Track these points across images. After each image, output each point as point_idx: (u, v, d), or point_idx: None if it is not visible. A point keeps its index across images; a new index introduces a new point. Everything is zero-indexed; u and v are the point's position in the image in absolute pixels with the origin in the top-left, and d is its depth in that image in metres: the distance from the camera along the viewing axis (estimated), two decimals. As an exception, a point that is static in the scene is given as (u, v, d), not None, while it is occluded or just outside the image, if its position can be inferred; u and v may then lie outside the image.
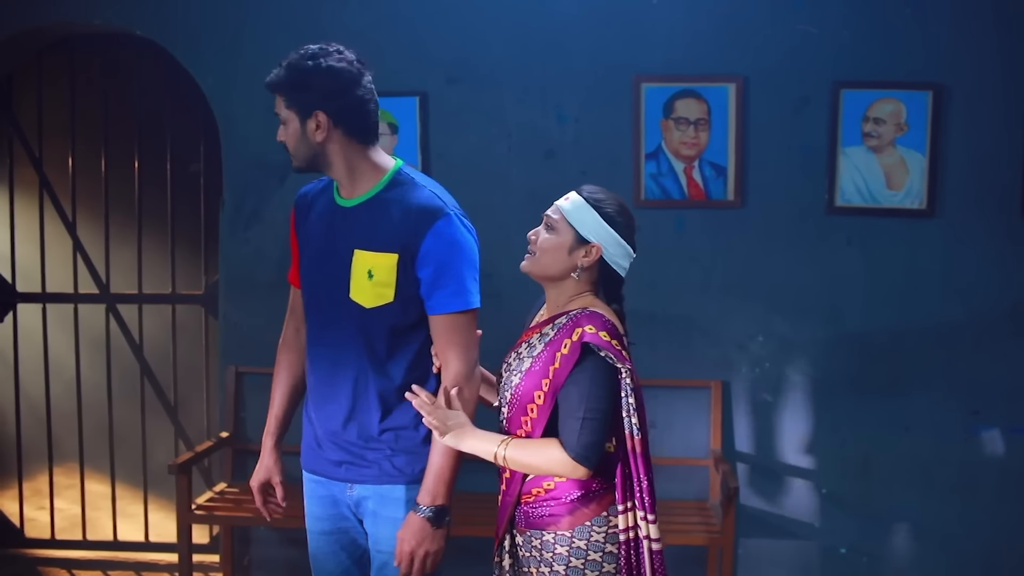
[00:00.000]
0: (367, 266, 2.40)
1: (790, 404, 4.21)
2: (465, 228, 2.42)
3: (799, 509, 4.23)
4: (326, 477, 2.56)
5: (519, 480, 2.37)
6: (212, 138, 4.48)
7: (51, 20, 4.41)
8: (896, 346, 4.14)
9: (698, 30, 4.14)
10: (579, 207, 2.36)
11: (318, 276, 2.50)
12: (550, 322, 2.37)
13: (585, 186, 2.42)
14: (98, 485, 4.86)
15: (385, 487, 2.49)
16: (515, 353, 2.41)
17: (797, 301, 4.18)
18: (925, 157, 4.06)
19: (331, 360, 2.50)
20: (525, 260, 2.40)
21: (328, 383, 2.51)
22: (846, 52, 4.09)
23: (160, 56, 4.44)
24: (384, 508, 2.49)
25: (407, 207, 2.39)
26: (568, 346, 2.26)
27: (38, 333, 4.76)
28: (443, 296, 2.40)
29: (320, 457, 2.57)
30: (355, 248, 2.41)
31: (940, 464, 4.16)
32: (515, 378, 2.36)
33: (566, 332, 2.29)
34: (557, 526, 2.32)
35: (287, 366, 2.69)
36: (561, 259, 2.35)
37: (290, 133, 2.43)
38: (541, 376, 2.29)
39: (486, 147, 4.27)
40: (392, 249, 2.38)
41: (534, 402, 2.30)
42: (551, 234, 2.37)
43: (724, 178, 4.15)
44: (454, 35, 4.25)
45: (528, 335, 2.43)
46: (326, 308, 2.49)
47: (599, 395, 2.24)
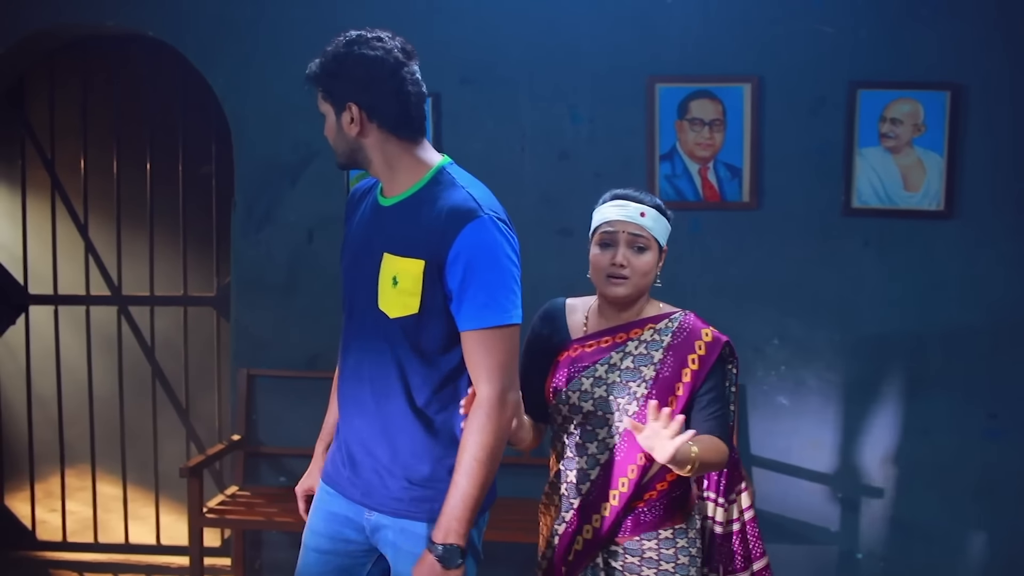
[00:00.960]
0: (392, 272, 2.19)
1: (806, 408, 4.18)
2: (501, 233, 2.16)
3: (815, 514, 4.19)
4: (344, 496, 2.37)
5: (634, 488, 2.35)
6: (224, 140, 4.47)
7: (63, 22, 4.40)
8: (914, 349, 4.10)
9: (713, 30, 4.11)
10: (657, 219, 2.39)
11: (353, 280, 2.33)
12: (634, 328, 2.39)
13: (638, 194, 2.42)
14: (110, 487, 4.85)
15: (404, 520, 2.27)
16: (602, 365, 2.38)
17: (813, 304, 4.14)
18: (943, 158, 4.02)
19: (358, 371, 2.31)
20: (620, 287, 2.35)
21: (354, 396, 2.32)
22: (862, 52, 4.05)
23: (172, 57, 4.43)
24: (405, 542, 2.27)
25: (438, 208, 2.17)
26: (703, 347, 2.35)
27: (50, 335, 4.76)
28: (472, 309, 2.14)
29: (342, 473, 2.37)
30: (384, 251, 2.21)
31: (958, 468, 4.11)
32: (635, 388, 2.34)
33: (691, 334, 2.37)
34: (673, 521, 2.37)
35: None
36: (653, 274, 2.40)
37: (329, 127, 2.29)
38: (674, 380, 2.33)
39: (500, 147, 4.24)
40: (418, 255, 2.16)
41: (670, 406, 2.30)
42: (645, 254, 2.37)
43: (739, 179, 4.12)
44: (468, 35, 4.23)
45: (592, 344, 2.40)
46: (357, 315, 2.31)
47: (729, 391, 2.42)
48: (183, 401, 4.84)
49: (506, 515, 3.94)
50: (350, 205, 2.46)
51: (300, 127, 4.27)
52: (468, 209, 2.16)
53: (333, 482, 2.40)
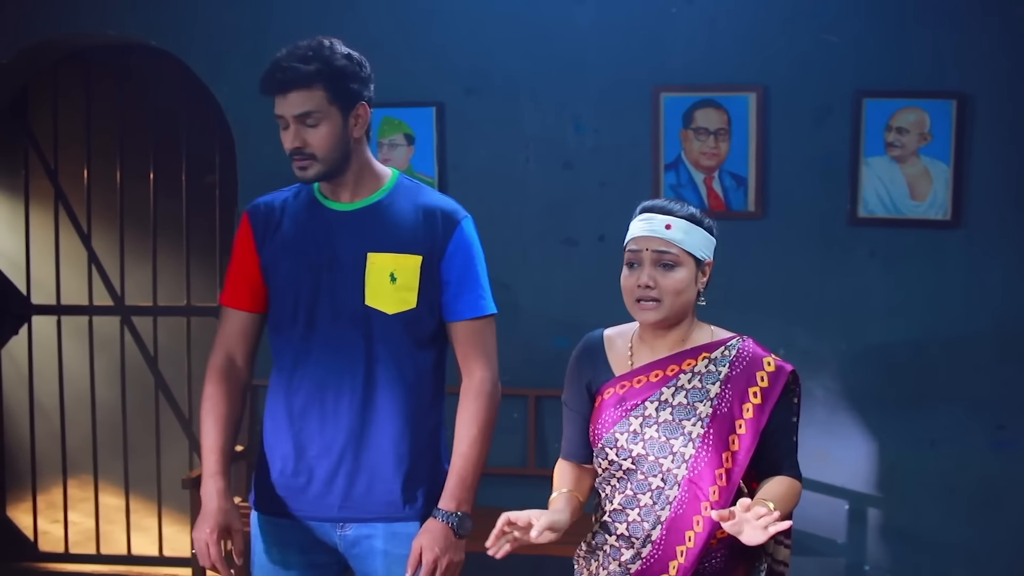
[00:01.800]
0: (388, 269, 2.27)
1: (812, 418, 4.14)
2: (477, 233, 2.40)
3: (822, 525, 4.16)
4: (313, 518, 2.33)
5: (705, 542, 2.08)
6: (228, 150, 4.46)
7: (67, 32, 4.40)
8: (920, 359, 4.08)
9: (718, 39, 4.10)
10: (688, 230, 2.13)
11: (313, 288, 2.30)
12: (686, 358, 2.15)
13: (665, 205, 2.17)
14: (112, 498, 4.84)
15: (397, 524, 2.31)
16: (652, 403, 2.13)
17: (819, 314, 4.12)
18: (949, 167, 4.00)
19: (326, 380, 2.30)
20: (650, 311, 2.12)
21: (321, 408, 2.30)
22: (868, 61, 4.03)
23: (175, 67, 4.42)
24: (396, 546, 2.30)
25: (428, 208, 2.31)
26: (766, 378, 2.12)
27: (53, 345, 4.75)
28: (469, 300, 2.33)
29: (303, 494, 2.32)
30: (369, 252, 2.28)
31: (965, 479, 4.08)
32: (691, 428, 2.09)
33: (751, 363, 2.13)
34: (736, 574, 2.17)
35: (224, 398, 2.36)
36: (691, 292, 2.14)
37: (324, 134, 2.24)
38: (734, 417, 2.09)
39: (503, 157, 4.23)
40: (416, 251, 2.28)
41: (728, 449, 2.08)
42: (675, 271, 2.12)
43: (744, 189, 4.10)
44: (471, 45, 4.22)
45: (649, 378, 2.15)
46: (323, 322, 2.30)
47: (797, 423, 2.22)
48: (186, 412, 4.83)
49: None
50: (261, 221, 2.38)
51: (304, 137, 4.26)
52: (458, 209, 2.35)
53: (287, 508, 2.34)
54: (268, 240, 2.35)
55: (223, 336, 2.40)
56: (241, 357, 2.41)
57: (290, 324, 2.32)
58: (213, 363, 2.39)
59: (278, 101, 2.27)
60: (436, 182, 4.21)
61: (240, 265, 2.39)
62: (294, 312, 2.31)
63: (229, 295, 2.40)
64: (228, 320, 2.40)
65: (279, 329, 2.36)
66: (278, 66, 2.24)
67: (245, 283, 2.38)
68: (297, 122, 2.25)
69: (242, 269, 2.38)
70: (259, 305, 2.39)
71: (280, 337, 2.36)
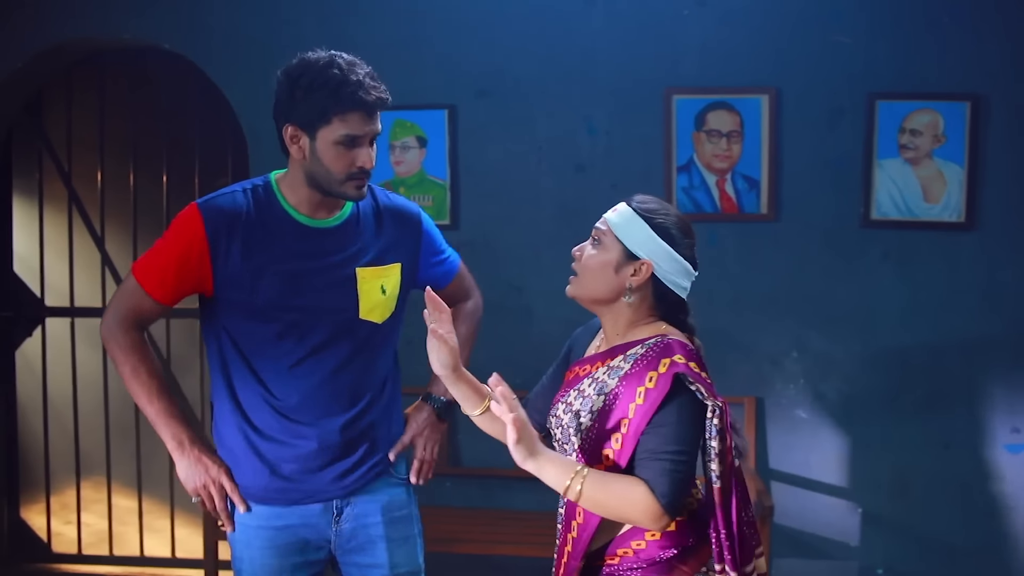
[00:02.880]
0: (379, 282, 2.38)
1: (825, 421, 4.14)
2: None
3: (835, 528, 4.15)
4: (316, 500, 2.39)
5: (589, 536, 2.01)
6: (240, 152, 4.47)
7: (80, 35, 4.42)
8: (934, 362, 4.06)
9: (730, 41, 4.09)
10: (628, 219, 2.06)
11: (299, 305, 2.31)
12: (615, 353, 2.07)
13: (636, 195, 2.11)
14: (125, 500, 4.85)
15: (395, 500, 2.47)
16: (575, 391, 2.10)
17: (832, 316, 4.10)
18: (963, 169, 3.98)
19: (319, 387, 2.36)
20: (569, 283, 2.11)
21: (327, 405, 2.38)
22: (881, 63, 4.02)
23: (188, 70, 4.43)
24: (396, 530, 2.46)
25: (391, 212, 2.44)
26: (655, 379, 1.94)
27: (66, 347, 4.76)
28: (451, 258, 2.59)
29: (310, 480, 2.38)
30: (357, 267, 2.35)
31: (980, 483, 4.07)
32: (583, 419, 2.04)
33: (648, 364, 1.98)
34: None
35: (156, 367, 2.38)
36: (607, 278, 2.05)
37: (374, 153, 2.31)
38: (619, 416, 1.98)
39: (516, 160, 4.23)
40: (395, 260, 2.42)
41: (611, 446, 1.98)
42: (596, 249, 2.08)
43: (757, 191, 4.09)
44: (483, 48, 4.22)
45: (586, 368, 2.12)
46: (312, 337, 2.33)
47: (690, 435, 1.94)
48: (198, 414, 4.84)
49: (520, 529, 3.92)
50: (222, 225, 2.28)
51: (316, 139, 4.27)
52: (412, 207, 2.51)
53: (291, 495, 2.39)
54: (230, 254, 2.28)
55: (131, 310, 2.35)
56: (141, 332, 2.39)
57: (274, 340, 2.32)
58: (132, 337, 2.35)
59: (359, 121, 2.22)
60: (448, 185, 4.22)
61: (179, 263, 2.30)
62: (279, 330, 2.31)
63: (153, 282, 2.32)
64: (141, 301, 2.34)
65: (255, 341, 2.33)
66: (367, 86, 2.22)
67: (175, 281, 2.31)
68: (370, 144, 2.28)
69: (180, 268, 2.30)
70: (174, 301, 2.37)
71: (256, 349, 2.33)
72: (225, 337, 2.36)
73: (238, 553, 2.45)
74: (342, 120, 2.21)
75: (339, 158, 2.24)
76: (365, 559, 2.44)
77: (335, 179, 2.26)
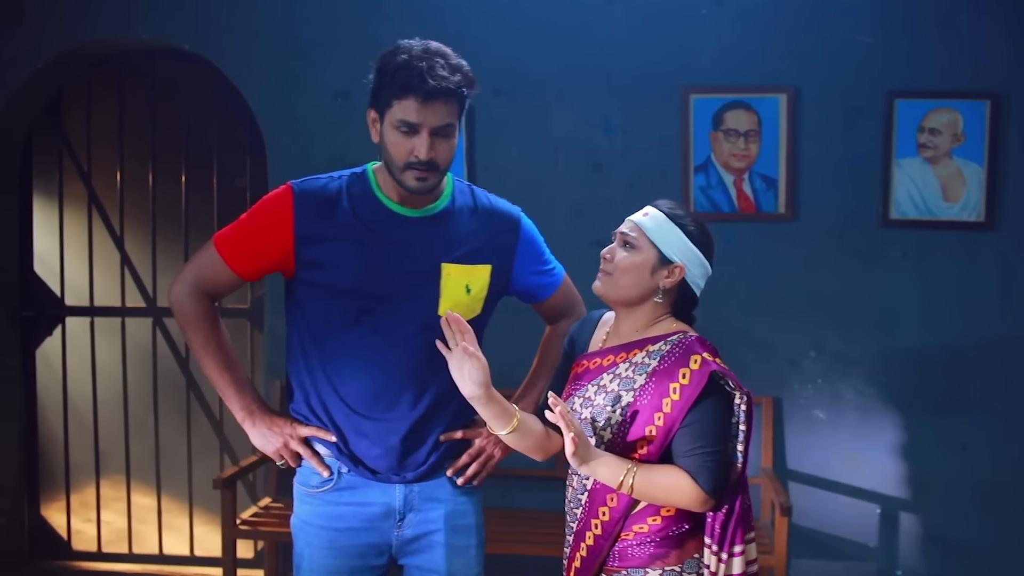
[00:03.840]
0: (464, 280, 2.32)
1: (843, 421, 4.12)
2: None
3: (853, 529, 4.13)
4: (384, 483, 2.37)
5: (619, 521, 2.16)
6: (258, 152, 4.49)
7: (100, 37, 4.45)
8: (953, 362, 4.04)
9: (748, 40, 4.08)
10: (661, 224, 2.17)
11: (378, 293, 2.28)
12: (633, 349, 2.18)
13: (661, 201, 2.22)
14: (144, 498, 4.88)
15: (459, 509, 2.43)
16: (593, 385, 2.20)
17: (850, 316, 4.09)
18: (983, 168, 3.96)
19: (389, 381, 2.32)
20: (599, 281, 2.21)
21: (377, 405, 2.34)
22: (900, 61, 4.00)
23: (207, 71, 4.45)
24: (458, 538, 2.42)
25: (488, 212, 2.40)
26: (688, 376, 2.08)
27: (86, 346, 4.79)
28: (555, 270, 2.54)
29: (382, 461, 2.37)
30: (443, 262, 2.30)
31: (999, 484, 4.04)
32: (610, 414, 2.14)
33: (678, 360, 2.11)
34: (665, 561, 2.14)
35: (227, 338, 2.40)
36: (641, 280, 2.16)
37: (451, 147, 2.25)
38: (653, 410, 2.10)
39: (533, 159, 4.23)
40: (486, 260, 2.35)
41: (645, 438, 2.11)
42: (631, 252, 2.18)
43: (775, 191, 4.08)
44: (500, 46, 4.22)
45: (597, 361, 2.23)
46: (387, 328, 2.30)
47: (724, 426, 2.11)
48: (217, 413, 4.86)
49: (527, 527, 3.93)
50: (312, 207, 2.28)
51: (334, 140, 4.28)
52: (511, 208, 2.46)
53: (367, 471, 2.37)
54: (316, 234, 2.28)
55: (207, 280, 2.35)
56: (213, 303, 2.39)
57: (350, 324, 2.30)
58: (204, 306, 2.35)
59: (415, 108, 2.19)
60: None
61: (262, 239, 2.30)
62: (356, 315, 2.29)
63: (234, 255, 2.32)
64: (219, 272, 2.34)
65: (330, 325, 2.32)
66: (425, 73, 2.18)
67: (256, 256, 2.31)
68: (432, 133, 2.21)
69: (262, 244, 2.30)
70: (254, 276, 2.38)
71: (331, 333, 2.32)
72: (303, 320, 2.35)
73: (299, 549, 2.43)
74: (400, 105, 2.20)
75: (397, 144, 2.22)
76: (424, 563, 2.42)
77: (396, 166, 2.24)
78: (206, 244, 2.37)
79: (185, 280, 2.35)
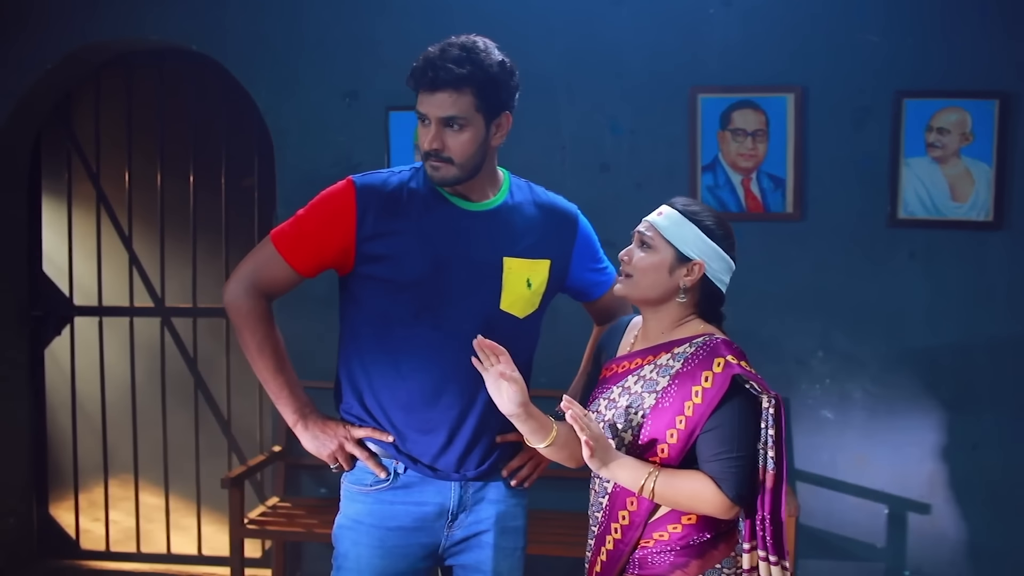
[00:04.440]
0: (525, 275, 2.31)
1: (851, 421, 4.11)
2: None
3: (861, 530, 4.12)
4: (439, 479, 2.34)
5: (640, 526, 2.15)
6: (266, 152, 4.50)
7: (108, 37, 4.46)
8: (962, 362, 4.03)
9: (755, 40, 4.07)
10: (676, 222, 2.17)
11: (440, 287, 2.26)
12: (659, 351, 2.18)
13: (677, 198, 2.23)
14: (152, 497, 4.89)
15: (509, 511, 2.41)
16: (618, 387, 2.21)
17: (858, 316, 4.08)
18: (991, 168, 3.95)
19: (449, 376, 2.29)
20: (619, 283, 2.22)
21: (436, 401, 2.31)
22: (908, 61, 3.99)
23: (215, 71, 4.46)
24: (506, 540, 2.40)
25: (547, 208, 2.40)
26: (711, 379, 2.07)
27: (94, 346, 4.81)
28: (610, 270, 2.51)
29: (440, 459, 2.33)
30: (504, 256, 2.29)
31: (1009, 484, 4.03)
32: (632, 416, 2.15)
33: (701, 363, 2.10)
34: (685, 571, 2.12)
35: (281, 339, 2.38)
36: (662, 279, 2.16)
37: (465, 140, 2.22)
38: (674, 413, 2.09)
39: (540, 159, 4.23)
40: (546, 255, 2.35)
41: (665, 442, 2.10)
42: (648, 253, 2.18)
43: (783, 190, 4.08)
44: (507, 46, 4.15)
45: (624, 365, 2.23)
46: (450, 322, 2.26)
47: (749, 433, 2.08)
48: (225, 412, 4.87)
49: (546, 528, 3.92)
50: (375, 201, 2.26)
51: (341, 140, 4.29)
52: (568, 205, 2.46)
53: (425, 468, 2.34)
54: (379, 228, 2.25)
55: (265, 278, 2.32)
56: (269, 302, 2.35)
57: (411, 320, 2.27)
58: (261, 307, 2.32)
59: (423, 98, 2.22)
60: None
61: (323, 234, 2.27)
62: (417, 310, 2.27)
63: (293, 251, 2.29)
64: (277, 270, 2.31)
65: (391, 321, 2.29)
66: (430, 63, 2.19)
67: (317, 251, 2.28)
68: (440, 124, 2.21)
69: (323, 239, 2.27)
70: (313, 273, 2.33)
71: (392, 329, 2.29)
72: (360, 317, 2.33)
73: (343, 550, 2.38)
74: (419, 95, 2.24)
75: (419, 134, 2.27)
76: (472, 562, 2.39)
77: (422, 156, 2.27)
78: (262, 241, 2.35)
79: (242, 279, 2.32)
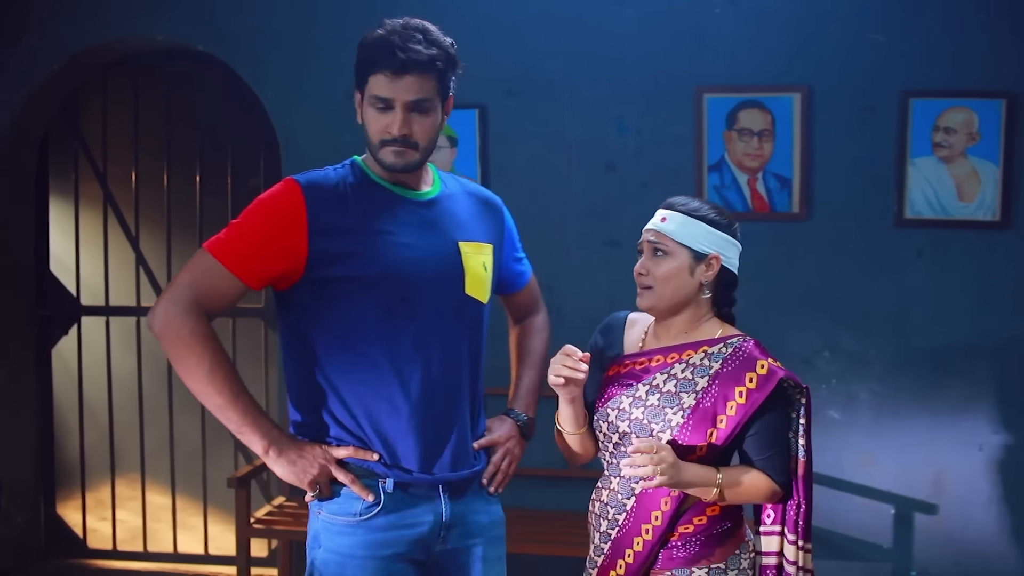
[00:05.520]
0: (480, 258, 2.29)
1: (858, 421, 4.11)
2: None
3: (868, 529, 4.12)
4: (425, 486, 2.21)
5: (670, 523, 2.21)
6: (272, 152, 4.51)
7: (115, 37, 4.47)
8: (969, 362, 4.02)
9: (761, 39, 4.07)
10: (683, 223, 2.23)
11: (409, 280, 2.17)
12: (685, 350, 2.23)
13: (672, 200, 2.28)
14: (159, 497, 4.90)
15: (495, 520, 2.36)
16: (644, 385, 2.24)
17: (865, 316, 4.07)
18: (998, 167, 3.94)
19: (437, 364, 2.20)
20: (641, 298, 2.25)
21: (447, 386, 2.23)
22: (915, 60, 3.98)
23: (221, 71, 4.47)
24: (492, 549, 2.34)
25: (479, 199, 2.40)
26: (755, 380, 2.16)
27: (101, 345, 4.82)
28: (527, 261, 2.53)
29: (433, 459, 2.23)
30: (460, 241, 2.25)
31: (1015, 485, 4.02)
32: (673, 416, 2.18)
33: (743, 364, 2.18)
34: (711, 559, 2.21)
35: (231, 362, 2.15)
36: (683, 282, 2.22)
37: (431, 124, 2.17)
38: (716, 412, 2.16)
39: (546, 160, 4.23)
40: (488, 240, 2.34)
41: (705, 440, 2.16)
42: (665, 260, 2.22)
43: (789, 190, 4.07)
44: (513, 47, 4.22)
45: (643, 362, 2.27)
46: (425, 315, 2.18)
47: (785, 431, 2.24)
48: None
49: (550, 528, 3.92)
50: (320, 200, 2.14)
51: (348, 139, 4.28)
52: (494, 195, 2.46)
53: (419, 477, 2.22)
54: (332, 226, 2.13)
55: (207, 295, 2.12)
56: (209, 319, 2.14)
57: (385, 316, 2.15)
58: (203, 327, 2.10)
59: (386, 82, 2.12)
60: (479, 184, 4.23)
61: (272, 239, 2.11)
62: (391, 303, 2.15)
63: (239, 260, 2.12)
64: (222, 283, 2.12)
65: (363, 322, 2.15)
66: (395, 46, 2.11)
67: (266, 258, 2.12)
68: (407, 108, 2.13)
69: (272, 244, 2.11)
70: (260, 285, 2.15)
71: (364, 331, 2.15)
72: (320, 328, 2.16)
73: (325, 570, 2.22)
74: (374, 80, 2.15)
75: (373, 121, 2.17)
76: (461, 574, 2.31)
77: (373, 144, 2.18)
78: (196, 255, 2.16)
79: (177, 298, 2.10)
